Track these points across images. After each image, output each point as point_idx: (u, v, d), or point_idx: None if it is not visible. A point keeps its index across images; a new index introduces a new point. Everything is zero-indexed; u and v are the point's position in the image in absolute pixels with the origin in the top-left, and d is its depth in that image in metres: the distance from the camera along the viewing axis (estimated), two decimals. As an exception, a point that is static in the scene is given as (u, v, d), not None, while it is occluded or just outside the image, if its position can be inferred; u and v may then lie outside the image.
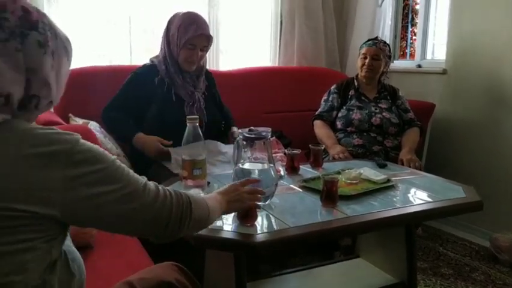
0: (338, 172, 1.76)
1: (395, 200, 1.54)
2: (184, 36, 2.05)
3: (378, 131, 2.45)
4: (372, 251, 2.00)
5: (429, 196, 1.59)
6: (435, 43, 3.18)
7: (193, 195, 0.98)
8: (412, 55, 3.38)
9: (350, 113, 2.50)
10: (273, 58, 3.30)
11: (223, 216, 1.28)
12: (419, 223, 2.56)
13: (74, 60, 0.90)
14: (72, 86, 2.58)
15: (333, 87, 2.65)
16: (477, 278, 2.23)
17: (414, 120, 2.54)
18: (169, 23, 2.13)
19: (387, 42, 2.66)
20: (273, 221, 1.31)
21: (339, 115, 2.55)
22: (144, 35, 2.86)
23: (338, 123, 2.53)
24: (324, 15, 3.31)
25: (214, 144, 2.04)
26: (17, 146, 0.73)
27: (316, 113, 2.61)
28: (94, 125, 2.07)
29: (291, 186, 1.65)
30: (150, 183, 0.89)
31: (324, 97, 2.66)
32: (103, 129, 2.10)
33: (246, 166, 1.41)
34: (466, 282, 2.19)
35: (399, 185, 1.69)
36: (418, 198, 1.59)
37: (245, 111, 2.66)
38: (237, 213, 1.24)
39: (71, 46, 0.89)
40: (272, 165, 1.42)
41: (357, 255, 2.06)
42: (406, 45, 3.54)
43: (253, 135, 1.40)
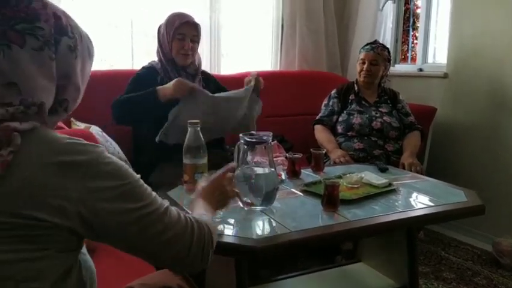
0: (339, 176, 1.75)
1: (397, 204, 1.53)
2: (171, 29, 2.11)
3: (379, 135, 2.45)
4: (373, 255, 2.00)
5: (430, 200, 1.59)
6: (436, 47, 3.18)
7: (210, 223, 0.95)
8: (413, 59, 3.38)
9: (351, 117, 2.50)
10: (274, 62, 3.31)
11: (224, 220, 1.29)
12: (421, 227, 2.55)
13: None
14: (74, 91, 2.58)
15: (333, 91, 2.65)
16: (479, 283, 2.22)
17: (415, 124, 2.54)
18: (159, 29, 2.20)
19: (386, 46, 2.66)
20: (274, 225, 1.31)
21: (340, 119, 2.55)
22: (146, 39, 2.86)
23: (339, 128, 2.54)
24: (325, 18, 3.32)
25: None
26: (42, 154, 0.72)
27: (317, 118, 2.61)
28: (95, 130, 2.07)
29: (292, 190, 1.65)
30: (172, 207, 0.87)
31: (324, 101, 2.66)
32: (104, 134, 2.10)
33: (247, 170, 1.41)
34: (468, 287, 2.18)
35: (400, 189, 1.68)
36: (420, 203, 1.58)
37: (246, 115, 2.66)
38: None
39: (93, 44, 0.89)
40: (273, 169, 1.42)
41: (359, 260, 2.05)
42: (407, 49, 3.55)
43: (254, 140, 1.40)
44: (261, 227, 1.30)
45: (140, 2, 2.76)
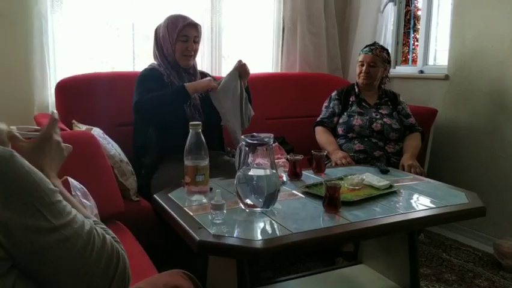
0: (341, 178, 1.76)
1: (398, 206, 1.53)
2: (174, 31, 2.12)
3: (379, 136, 2.46)
4: (374, 257, 2.00)
5: (432, 202, 1.59)
6: (437, 49, 3.18)
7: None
8: (414, 61, 3.38)
9: (351, 119, 2.51)
10: (276, 64, 3.31)
11: (226, 222, 1.29)
12: (422, 229, 2.55)
13: (77, 66, 0.90)
14: (75, 93, 2.62)
15: (333, 93, 2.66)
16: (480, 284, 2.22)
17: (415, 126, 2.54)
18: (157, 31, 2.22)
19: (385, 47, 2.66)
20: (275, 226, 1.31)
21: (340, 121, 2.55)
22: (147, 42, 2.86)
23: (339, 129, 2.54)
24: (326, 21, 3.33)
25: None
26: None
27: (318, 120, 2.61)
28: (97, 131, 2.07)
29: (294, 192, 1.65)
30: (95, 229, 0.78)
31: (325, 103, 2.66)
32: (106, 135, 2.10)
33: (249, 172, 1.41)
34: (469, 289, 2.18)
35: (401, 191, 1.68)
36: (421, 204, 1.58)
37: (247, 117, 2.66)
38: None
39: None
40: (274, 171, 1.42)
41: (360, 262, 2.05)
42: (408, 51, 3.55)
43: (256, 141, 1.41)
44: (262, 229, 1.30)
45: (142, 5, 2.77)
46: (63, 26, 2.54)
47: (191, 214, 1.38)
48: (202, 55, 2.94)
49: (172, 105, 2.03)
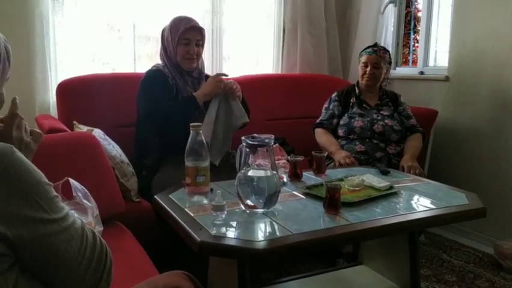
0: (341, 179, 1.76)
1: (398, 207, 1.54)
2: (176, 34, 2.12)
3: (380, 138, 2.45)
4: (375, 258, 2.00)
5: (432, 203, 1.59)
6: (437, 50, 3.19)
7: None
8: (414, 62, 3.39)
9: (352, 120, 2.50)
10: (276, 65, 3.32)
11: (226, 222, 1.29)
12: (422, 230, 2.55)
13: (78, 67, 0.91)
14: (76, 94, 2.62)
15: (333, 94, 2.65)
16: (481, 285, 2.22)
17: (416, 127, 2.54)
18: (163, 31, 2.21)
19: (387, 48, 2.66)
20: (275, 227, 1.31)
21: (341, 123, 2.54)
22: (148, 43, 2.88)
23: (340, 131, 2.53)
24: (326, 22, 3.33)
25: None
26: None
27: (317, 121, 2.61)
28: (98, 132, 2.08)
29: (294, 193, 1.65)
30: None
31: (325, 105, 2.66)
32: (107, 136, 2.11)
33: (249, 173, 1.41)
34: (469, 290, 2.18)
35: (402, 192, 1.69)
36: (421, 205, 1.59)
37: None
38: None
39: (9, 47, 0.91)
40: (275, 172, 1.42)
41: (360, 263, 2.05)
42: (408, 52, 3.56)
43: (256, 142, 1.41)
44: (263, 230, 1.31)
45: (143, 6, 2.77)
46: (64, 28, 2.54)
47: (192, 215, 1.38)
48: (203, 56, 2.93)
49: (183, 117, 2.01)
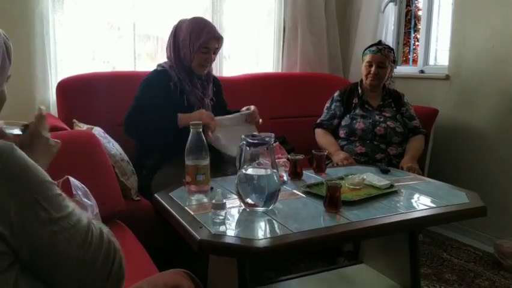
0: (341, 178, 1.76)
1: (398, 205, 1.53)
2: (197, 41, 2.08)
3: (381, 140, 2.43)
4: (375, 256, 2.00)
5: (432, 202, 1.59)
6: (438, 49, 3.18)
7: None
8: (415, 61, 3.38)
9: (353, 122, 2.47)
10: (276, 64, 3.32)
11: (227, 221, 1.29)
12: (421, 229, 2.55)
13: (78, 66, 0.92)
14: (76, 92, 2.62)
15: (336, 94, 2.62)
16: (481, 284, 2.22)
17: (419, 128, 2.51)
18: (177, 29, 2.15)
19: (391, 47, 2.62)
20: (276, 226, 1.31)
21: (342, 124, 2.52)
22: (148, 42, 2.87)
23: (341, 132, 2.51)
24: (327, 21, 3.33)
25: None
26: None
27: (317, 122, 2.60)
28: (98, 131, 2.08)
29: (294, 191, 1.65)
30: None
31: (327, 104, 2.63)
32: (107, 135, 2.11)
33: (250, 171, 1.41)
34: (470, 289, 2.19)
35: (402, 191, 1.68)
36: (421, 204, 1.58)
37: (248, 117, 2.67)
38: None
39: (10, 43, 0.91)
40: (275, 170, 1.42)
41: (361, 261, 2.06)
42: (409, 51, 3.55)
43: (257, 141, 1.41)
44: (263, 228, 1.31)
45: (143, 5, 2.77)
46: (64, 26, 2.54)
47: (192, 213, 1.38)
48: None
49: (159, 129, 2.03)
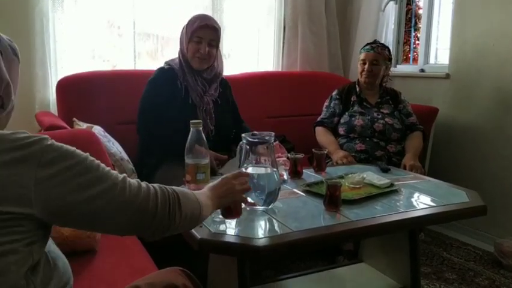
0: (341, 176, 1.75)
1: (398, 204, 1.53)
2: (189, 30, 2.08)
3: (381, 137, 2.44)
4: (375, 255, 2.00)
5: (432, 201, 1.59)
6: (438, 47, 3.18)
7: (182, 189, 0.98)
8: (415, 60, 3.38)
9: (352, 119, 2.49)
10: (276, 63, 3.31)
11: (227, 220, 1.29)
12: (422, 228, 2.55)
13: (78, 64, 0.93)
14: (76, 91, 2.62)
15: (334, 92, 2.64)
16: (481, 283, 2.22)
17: (416, 124, 2.53)
18: (183, 28, 2.17)
19: (386, 45, 2.65)
20: (276, 225, 1.31)
21: (342, 121, 2.53)
22: (148, 40, 2.87)
23: (340, 129, 2.52)
24: (327, 20, 3.33)
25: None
26: None
27: (318, 120, 2.60)
28: (97, 129, 2.08)
29: (294, 190, 1.65)
30: (131, 179, 0.89)
31: (325, 103, 2.65)
32: (106, 134, 2.11)
33: (250, 170, 1.41)
34: (469, 287, 2.18)
35: (402, 190, 1.68)
36: (421, 203, 1.59)
37: (248, 116, 2.66)
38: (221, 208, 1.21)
39: (15, 44, 0.93)
40: (275, 169, 1.42)
41: (361, 260, 2.06)
42: (409, 50, 3.55)
43: (257, 140, 1.41)
44: (263, 227, 1.31)
45: (143, 3, 2.77)
46: (64, 25, 2.54)
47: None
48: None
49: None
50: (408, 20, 3.47)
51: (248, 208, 1.40)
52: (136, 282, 1.01)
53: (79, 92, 2.37)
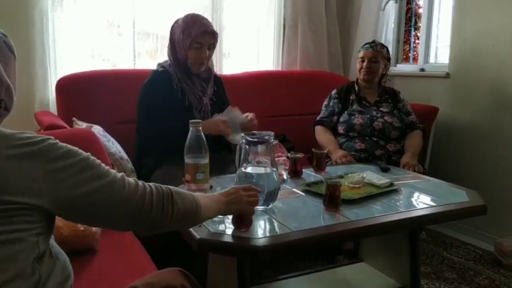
0: (341, 176, 1.75)
1: (398, 204, 1.53)
2: (188, 37, 2.05)
3: (380, 135, 2.44)
4: (375, 255, 2.00)
5: (432, 200, 1.59)
6: (438, 47, 3.18)
7: (177, 188, 1.02)
8: (415, 59, 3.38)
9: (352, 118, 2.49)
10: (276, 62, 3.31)
11: (226, 220, 1.29)
12: (423, 227, 2.55)
13: (78, 64, 0.94)
14: (76, 90, 2.62)
15: (333, 91, 2.64)
16: (481, 283, 2.22)
17: (416, 123, 2.53)
18: (172, 30, 2.13)
19: (385, 45, 2.66)
20: (275, 225, 1.31)
21: (341, 120, 2.54)
22: (148, 40, 2.87)
23: (340, 128, 2.52)
24: (327, 19, 3.32)
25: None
26: (1, 149, 0.81)
27: (317, 119, 2.60)
28: (97, 129, 2.07)
29: (294, 190, 1.65)
30: (129, 178, 0.95)
31: (324, 102, 2.65)
32: (106, 133, 2.11)
33: (249, 170, 1.41)
34: (469, 287, 2.18)
35: (402, 189, 1.68)
36: (421, 203, 1.58)
37: (248, 115, 2.67)
38: (231, 218, 1.23)
39: (11, 42, 0.94)
40: (275, 169, 1.42)
41: (361, 260, 2.05)
42: (409, 49, 3.55)
43: (256, 139, 1.40)
44: (262, 227, 1.30)
45: (143, 2, 2.76)
46: (64, 24, 2.54)
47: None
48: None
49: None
50: (408, 19, 3.47)
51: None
52: (134, 283, 1.01)
53: (79, 91, 2.37)
